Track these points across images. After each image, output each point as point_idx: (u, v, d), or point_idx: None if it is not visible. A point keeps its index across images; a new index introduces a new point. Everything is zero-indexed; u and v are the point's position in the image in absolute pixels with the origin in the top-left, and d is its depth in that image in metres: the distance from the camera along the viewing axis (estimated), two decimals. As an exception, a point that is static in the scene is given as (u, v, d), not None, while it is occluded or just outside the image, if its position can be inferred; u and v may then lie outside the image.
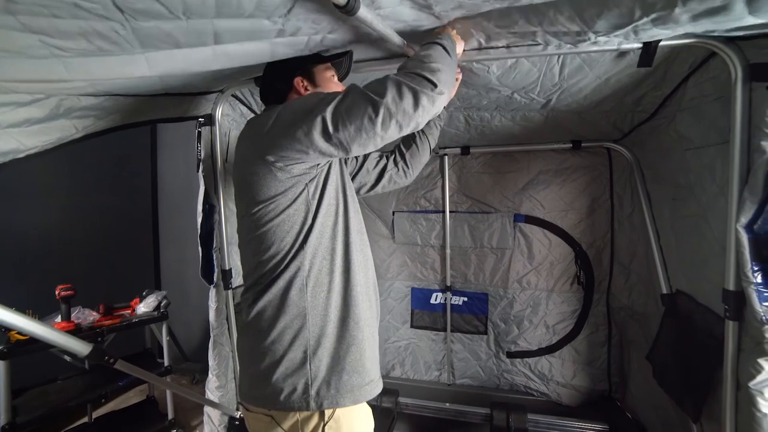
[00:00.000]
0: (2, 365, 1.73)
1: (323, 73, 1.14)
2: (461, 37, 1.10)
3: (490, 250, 2.31)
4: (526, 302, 2.27)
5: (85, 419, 2.28)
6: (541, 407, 2.12)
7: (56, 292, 1.95)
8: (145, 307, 2.28)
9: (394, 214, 2.46)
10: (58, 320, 1.98)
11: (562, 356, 2.22)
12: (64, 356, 2.06)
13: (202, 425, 1.76)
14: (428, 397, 2.25)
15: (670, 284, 1.61)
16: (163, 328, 2.33)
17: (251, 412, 1.01)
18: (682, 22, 0.86)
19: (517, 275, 2.27)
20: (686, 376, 1.39)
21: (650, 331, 1.76)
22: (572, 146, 2.00)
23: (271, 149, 0.94)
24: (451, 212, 2.34)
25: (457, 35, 1.07)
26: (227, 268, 1.64)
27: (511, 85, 1.40)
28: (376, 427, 1.05)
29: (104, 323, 2.09)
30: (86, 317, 2.07)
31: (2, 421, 1.73)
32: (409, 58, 0.98)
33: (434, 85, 0.89)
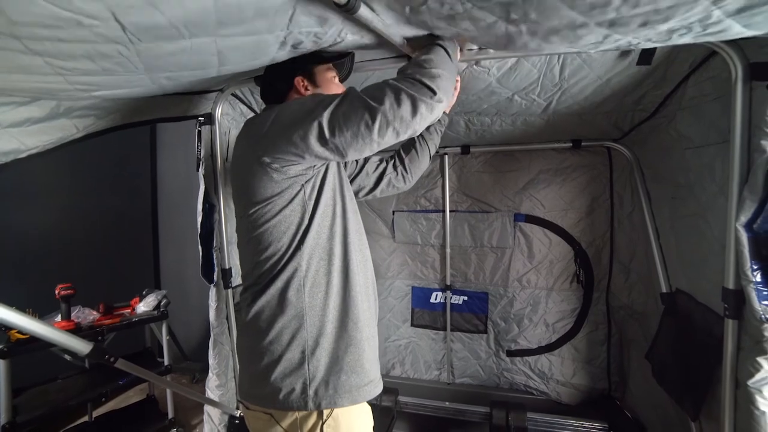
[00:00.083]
0: (2, 364, 1.74)
1: (324, 73, 1.14)
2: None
3: (490, 249, 2.31)
4: (525, 301, 2.27)
5: (85, 418, 2.29)
6: (540, 406, 2.12)
7: (56, 291, 1.95)
8: (145, 306, 2.29)
9: (394, 213, 2.47)
10: (58, 319, 1.98)
11: (561, 355, 2.22)
12: (64, 355, 2.06)
13: (202, 424, 1.76)
14: (428, 396, 2.26)
15: (669, 283, 1.61)
16: (163, 327, 2.34)
17: (251, 410, 1.01)
18: (674, 39, 0.86)
19: (517, 274, 2.28)
20: (685, 374, 1.39)
21: (650, 329, 1.76)
22: (572, 145, 2.00)
23: (267, 151, 0.94)
24: (451, 211, 2.34)
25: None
26: (227, 267, 1.64)
27: (511, 86, 1.40)
28: (375, 425, 1.05)
29: (104, 322, 2.09)
30: (86, 316, 2.07)
31: (3, 420, 1.73)
32: (409, 61, 0.97)
33: (433, 92, 0.88)
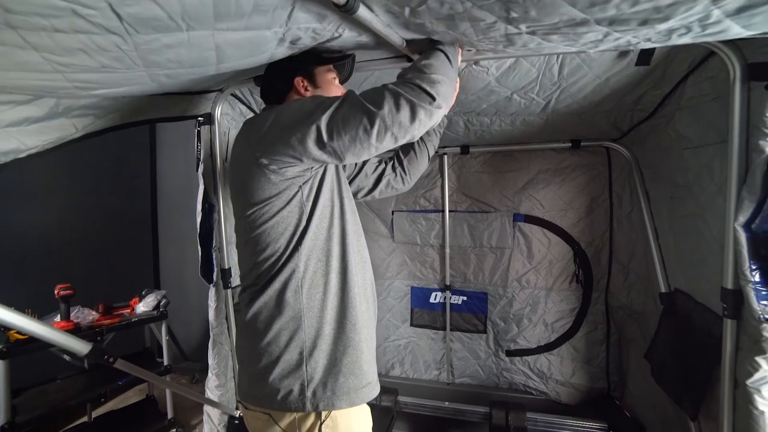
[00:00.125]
0: (2, 365, 1.74)
1: (325, 74, 1.14)
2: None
3: (489, 249, 2.32)
4: (525, 301, 2.27)
5: (84, 419, 2.29)
6: (540, 406, 2.12)
7: (55, 291, 1.95)
8: (144, 306, 2.29)
9: (393, 213, 2.47)
10: (57, 320, 1.98)
11: (561, 354, 2.22)
12: (63, 355, 2.06)
13: (201, 424, 1.76)
14: (427, 395, 2.26)
15: (668, 283, 1.61)
16: (162, 327, 2.34)
17: (250, 410, 1.02)
18: (673, 39, 0.86)
19: (516, 274, 2.28)
20: (684, 374, 1.39)
21: (649, 329, 1.76)
22: (571, 145, 2.00)
23: (265, 152, 0.94)
24: (450, 212, 2.34)
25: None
26: (226, 267, 1.64)
27: (510, 85, 1.40)
28: (375, 425, 1.06)
29: (103, 322, 2.09)
30: (85, 317, 2.07)
31: (2, 420, 1.73)
32: (410, 65, 0.97)
33: (432, 98, 0.88)
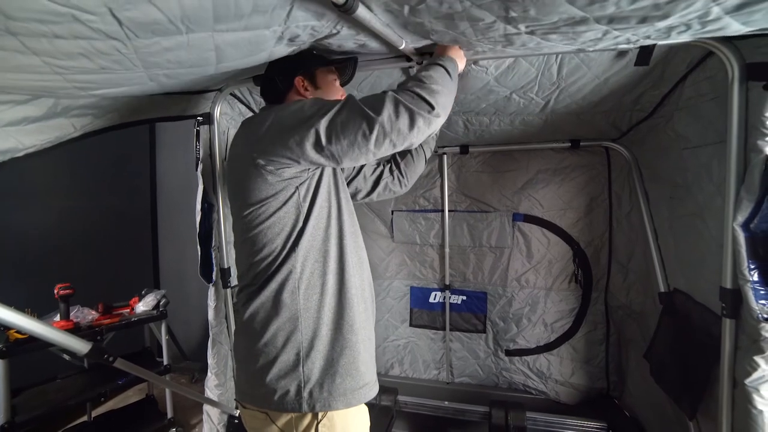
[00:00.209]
0: (1, 364, 1.74)
1: (326, 75, 1.14)
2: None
3: (488, 249, 2.32)
4: (524, 301, 2.27)
5: (84, 418, 2.29)
6: (539, 405, 2.13)
7: (55, 291, 1.95)
8: (144, 306, 2.29)
9: (392, 213, 2.47)
10: (57, 319, 1.98)
11: (560, 354, 2.22)
12: (63, 355, 2.06)
13: (201, 424, 1.76)
14: (427, 395, 2.26)
15: (667, 283, 1.62)
16: (162, 326, 2.34)
17: (247, 409, 1.02)
18: (673, 36, 0.87)
19: (515, 274, 2.28)
20: (683, 374, 1.39)
21: (648, 329, 1.76)
22: (571, 145, 2.00)
23: (262, 153, 0.94)
24: (450, 211, 2.34)
25: (459, 49, 1.08)
26: (226, 266, 1.64)
27: (509, 85, 1.40)
28: (375, 425, 1.06)
29: (103, 322, 2.09)
30: (85, 316, 2.07)
31: (1, 420, 1.73)
32: (409, 76, 0.98)
33: (432, 107, 0.90)
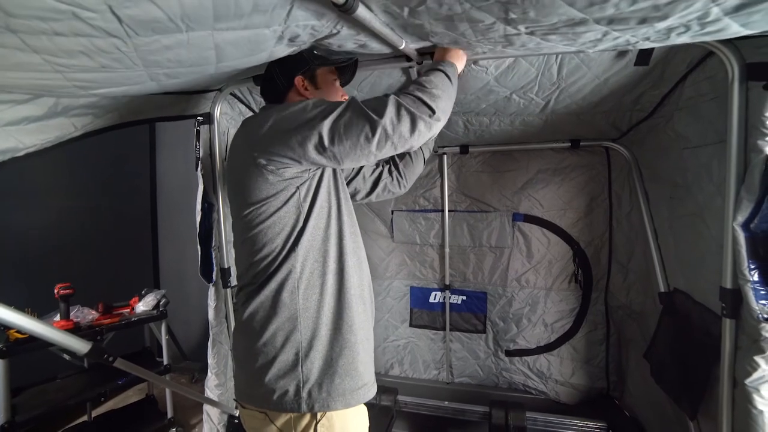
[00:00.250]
0: (1, 364, 1.74)
1: (326, 75, 1.15)
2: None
3: (488, 248, 2.32)
4: (524, 301, 2.27)
5: (84, 418, 2.29)
6: (539, 405, 2.13)
7: (55, 290, 1.95)
8: (144, 305, 2.29)
9: (392, 213, 2.47)
10: (57, 319, 1.98)
11: (560, 355, 2.22)
12: (63, 355, 2.06)
13: (201, 424, 1.76)
14: (427, 395, 2.26)
15: (667, 283, 1.61)
16: (162, 326, 2.34)
17: (246, 409, 1.02)
18: (672, 38, 0.87)
19: (515, 274, 2.28)
20: (683, 374, 1.39)
21: (648, 329, 1.76)
22: (571, 145, 2.00)
23: (263, 152, 0.94)
24: (450, 211, 2.34)
25: (459, 50, 1.09)
26: (226, 266, 1.64)
27: (509, 85, 1.40)
28: (375, 425, 1.06)
29: (103, 322, 2.09)
30: (85, 316, 2.07)
31: (1, 419, 1.73)
32: (411, 81, 0.99)
33: (432, 111, 0.92)
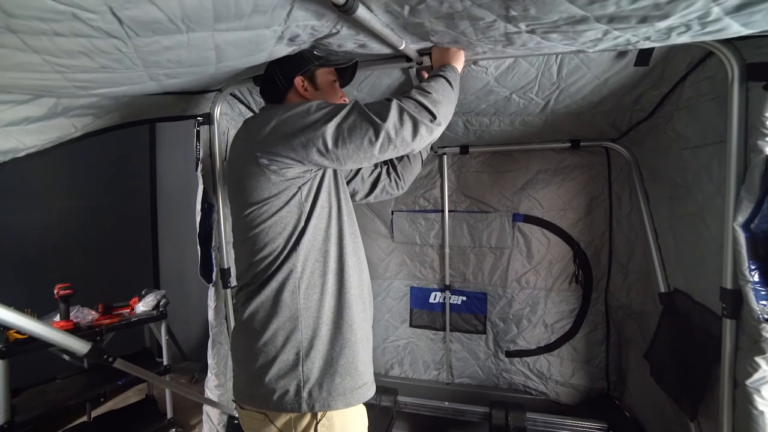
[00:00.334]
0: (1, 364, 1.74)
1: (326, 76, 1.15)
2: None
3: (488, 249, 2.31)
4: (524, 301, 2.27)
5: (84, 418, 2.29)
6: (539, 406, 2.12)
7: (55, 291, 1.95)
8: (144, 306, 2.29)
9: (392, 213, 2.47)
10: (57, 319, 1.98)
11: (560, 355, 2.22)
12: (62, 355, 2.06)
13: (201, 424, 1.76)
14: (427, 396, 2.26)
15: (667, 283, 1.61)
16: (162, 327, 2.34)
17: (245, 410, 1.02)
18: (672, 37, 0.87)
19: (515, 274, 2.28)
20: (684, 374, 1.39)
21: (648, 329, 1.76)
22: (571, 145, 2.00)
23: (265, 153, 0.95)
24: (450, 211, 2.34)
25: (456, 50, 1.09)
26: (226, 266, 1.64)
27: (509, 85, 1.40)
28: (375, 425, 1.06)
29: (103, 322, 2.09)
30: (85, 316, 2.07)
31: (1, 420, 1.73)
32: (413, 87, 1.01)
33: (434, 116, 0.94)
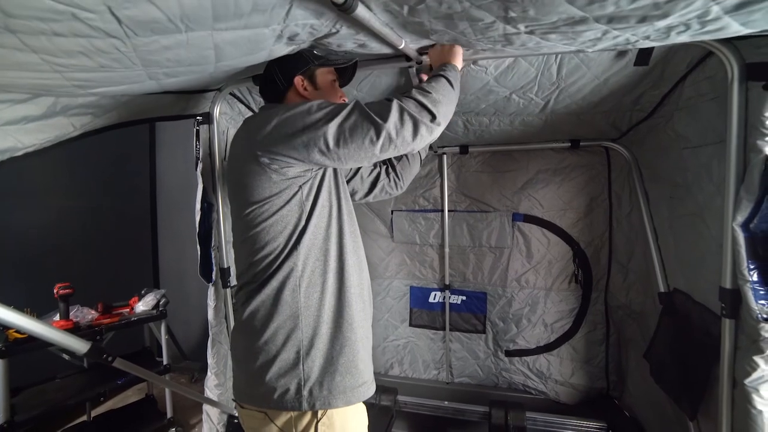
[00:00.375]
0: (1, 363, 1.73)
1: (325, 76, 1.15)
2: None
3: (488, 249, 2.32)
4: (524, 301, 2.27)
5: (83, 418, 2.29)
6: (539, 405, 2.13)
7: (55, 290, 1.95)
8: (143, 305, 2.29)
9: (392, 213, 2.47)
10: (56, 319, 1.98)
11: (560, 355, 2.22)
12: (62, 354, 2.06)
13: (200, 424, 1.76)
14: (427, 395, 2.26)
15: (667, 283, 1.61)
16: (161, 326, 2.34)
17: (245, 409, 1.02)
18: (672, 37, 0.87)
19: (515, 274, 2.28)
20: (683, 374, 1.39)
21: (648, 329, 1.76)
22: (571, 145, 2.00)
23: (266, 152, 0.95)
24: (449, 211, 2.34)
25: (455, 49, 1.09)
26: (226, 266, 1.64)
27: (509, 85, 1.40)
28: (375, 424, 1.06)
29: (103, 322, 2.09)
30: (85, 316, 2.07)
31: (1, 419, 1.73)
32: (413, 87, 1.01)
33: (434, 116, 0.95)
